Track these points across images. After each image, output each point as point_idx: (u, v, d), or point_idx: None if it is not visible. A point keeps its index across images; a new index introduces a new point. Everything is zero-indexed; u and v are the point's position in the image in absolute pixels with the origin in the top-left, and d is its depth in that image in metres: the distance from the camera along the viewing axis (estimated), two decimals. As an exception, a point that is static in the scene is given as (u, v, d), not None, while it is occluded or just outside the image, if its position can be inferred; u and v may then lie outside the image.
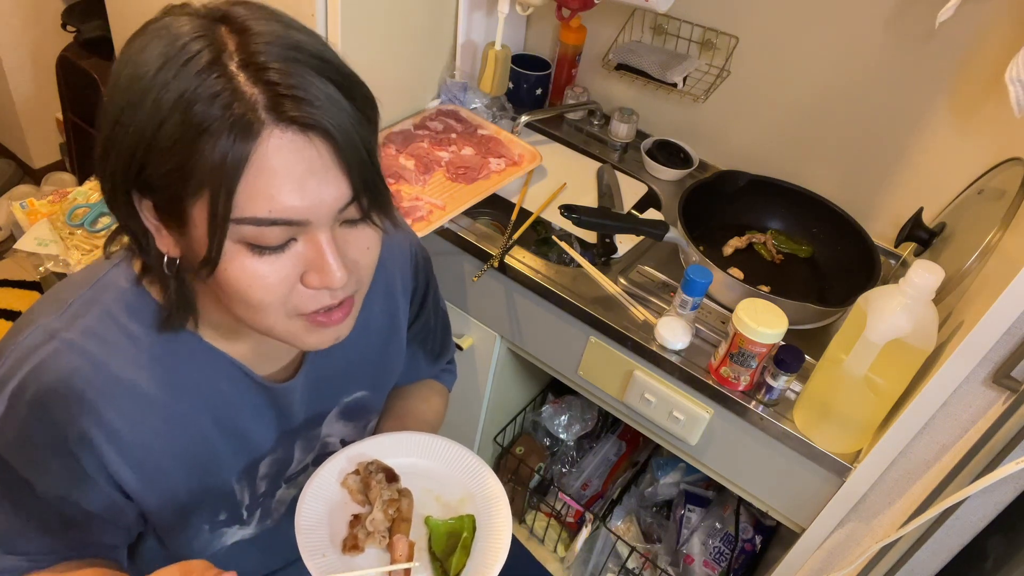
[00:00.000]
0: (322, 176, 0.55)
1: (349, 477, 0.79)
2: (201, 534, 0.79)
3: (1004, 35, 1.10)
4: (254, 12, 0.56)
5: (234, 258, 0.57)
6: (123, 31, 1.60)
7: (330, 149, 0.55)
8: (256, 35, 0.54)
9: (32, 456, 0.65)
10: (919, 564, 0.99)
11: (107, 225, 1.53)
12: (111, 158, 0.57)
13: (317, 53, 0.56)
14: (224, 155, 0.52)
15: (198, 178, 0.53)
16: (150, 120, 0.53)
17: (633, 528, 1.59)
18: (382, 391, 0.92)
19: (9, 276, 2.25)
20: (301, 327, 0.64)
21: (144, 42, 0.55)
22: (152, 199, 0.58)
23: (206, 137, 0.52)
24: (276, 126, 0.53)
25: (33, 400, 0.63)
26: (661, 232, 1.16)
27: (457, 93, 1.51)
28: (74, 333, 0.64)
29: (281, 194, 0.54)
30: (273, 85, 0.53)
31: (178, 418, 0.69)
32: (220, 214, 0.54)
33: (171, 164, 0.54)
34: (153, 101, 0.53)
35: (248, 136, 0.52)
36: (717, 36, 1.38)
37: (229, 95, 0.52)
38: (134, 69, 0.54)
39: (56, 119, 2.39)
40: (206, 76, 0.52)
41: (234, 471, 0.77)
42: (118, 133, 0.55)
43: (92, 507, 0.69)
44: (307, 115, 0.53)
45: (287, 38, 0.55)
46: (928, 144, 1.25)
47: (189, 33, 0.54)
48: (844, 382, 0.92)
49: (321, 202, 0.56)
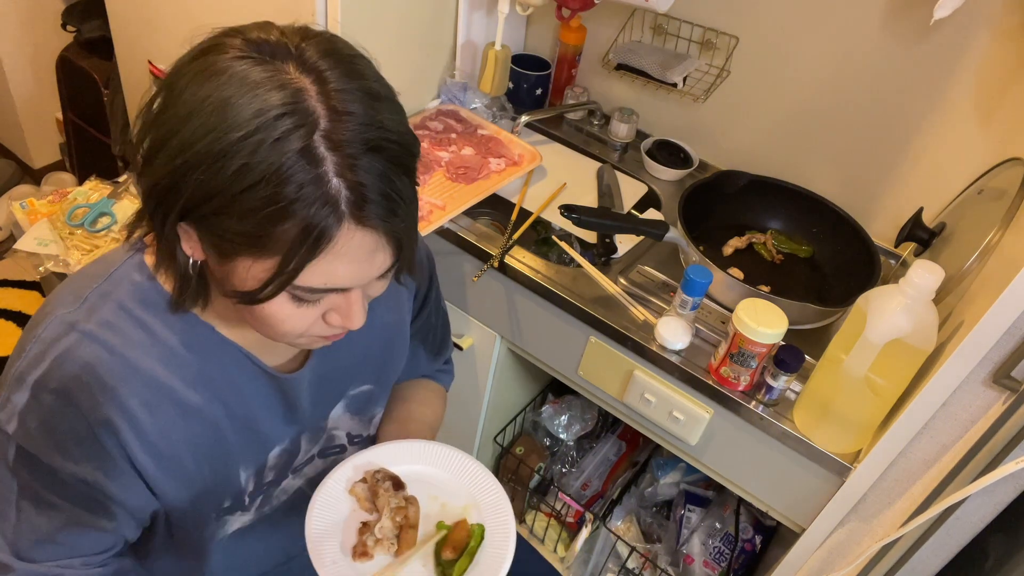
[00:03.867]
0: (378, 257, 0.62)
1: (356, 485, 0.80)
2: (209, 522, 0.80)
3: (1003, 34, 1.10)
4: (342, 75, 0.58)
5: (275, 301, 0.62)
6: (123, 31, 1.60)
7: (391, 241, 0.61)
8: (346, 118, 0.57)
9: (56, 443, 0.66)
10: (919, 564, 0.99)
11: (107, 225, 1.53)
12: (172, 188, 0.58)
13: (397, 138, 0.59)
14: (302, 239, 0.56)
15: (267, 247, 0.57)
16: (233, 183, 0.55)
17: (633, 528, 1.59)
18: (386, 385, 0.94)
19: (9, 276, 2.25)
20: (307, 341, 0.70)
21: (227, 88, 0.55)
22: (205, 235, 0.60)
23: (288, 219, 0.56)
24: (353, 224, 0.58)
25: (57, 389, 0.65)
26: (661, 232, 1.16)
27: (457, 93, 1.51)
28: (92, 324, 0.66)
29: (340, 272, 0.60)
30: (357, 186, 0.56)
31: (192, 407, 0.71)
32: (282, 280, 0.59)
33: (244, 228, 0.57)
34: (240, 167, 0.54)
35: (327, 228, 0.56)
36: (717, 36, 1.38)
37: (317, 187, 0.55)
38: (218, 121, 0.55)
39: (56, 119, 2.39)
40: (297, 161, 0.55)
41: (243, 460, 0.78)
42: (189, 174, 0.56)
43: (116, 492, 0.70)
44: (382, 221, 0.59)
45: (374, 120, 0.58)
46: (928, 144, 1.25)
47: (280, 103, 0.55)
48: (844, 382, 0.92)
49: (370, 276, 0.63)
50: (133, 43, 1.60)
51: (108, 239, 1.51)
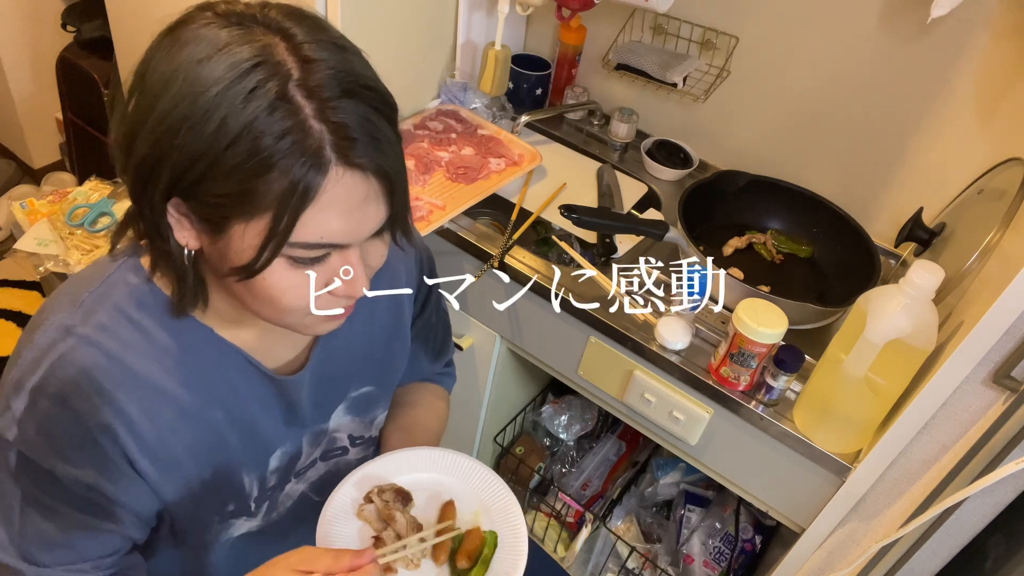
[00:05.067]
0: (371, 207, 0.61)
1: (364, 508, 0.79)
2: (212, 526, 0.80)
3: (1002, 33, 1.10)
4: (308, 29, 0.58)
5: (273, 269, 0.61)
6: (123, 31, 1.60)
7: (382, 185, 0.60)
8: (317, 64, 0.56)
9: (56, 448, 0.66)
10: (919, 564, 0.99)
11: (107, 225, 1.53)
12: (156, 163, 0.57)
13: (372, 84, 0.59)
14: (291, 190, 0.56)
15: (257, 204, 0.56)
16: (214, 142, 0.55)
17: (633, 528, 1.59)
18: (388, 386, 0.94)
19: (9, 276, 2.25)
20: (313, 321, 0.68)
21: (197, 52, 0.56)
22: (195, 208, 0.60)
23: (273, 170, 0.55)
24: (341, 166, 0.57)
25: (55, 394, 0.64)
26: (661, 232, 1.16)
27: (457, 93, 1.51)
28: (89, 329, 0.66)
29: (334, 224, 0.59)
30: (340, 127, 0.56)
31: (191, 410, 0.71)
32: (277, 240, 0.58)
33: (231, 187, 0.56)
34: (219, 124, 0.54)
35: (315, 174, 0.56)
36: (717, 36, 1.38)
37: (298, 134, 0.55)
38: (192, 84, 0.55)
39: (56, 119, 2.39)
40: (274, 110, 0.54)
41: (244, 463, 0.78)
42: (170, 142, 0.56)
43: (118, 495, 0.70)
44: (371, 160, 0.58)
45: (346, 67, 0.58)
46: (928, 144, 1.25)
47: (251, 56, 0.55)
48: (844, 382, 0.92)
49: (366, 229, 0.62)
50: (133, 43, 1.60)
51: (108, 239, 1.51)
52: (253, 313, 0.68)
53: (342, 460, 0.92)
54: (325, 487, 0.82)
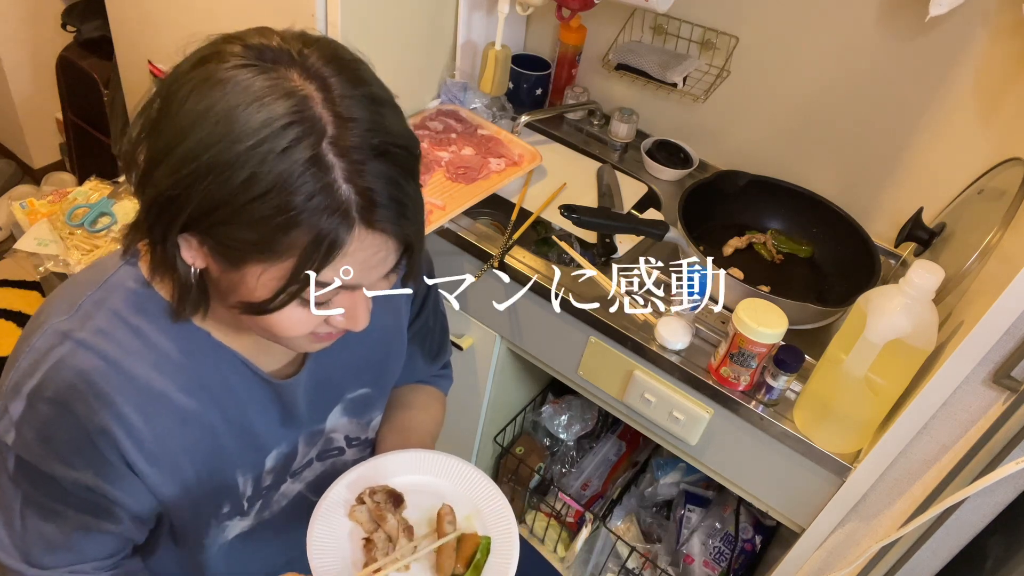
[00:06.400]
0: (388, 262, 0.63)
1: (356, 509, 0.79)
2: (210, 527, 0.80)
3: (1001, 33, 1.10)
4: (346, 81, 0.58)
5: (283, 307, 0.62)
6: (123, 31, 1.60)
7: (402, 248, 0.63)
8: (352, 124, 0.57)
9: (55, 452, 0.66)
10: (919, 564, 0.99)
11: (107, 225, 1.53)
12: (176, 199, 0.57)
13: (402, 142, 0.60)
14: (315, 245, 0.57)
15: (280, 254, 0.57)
16: (241, 192, 0.55)
17: (633, 528, 1.59)
18: (384, 388, 0.94)
19: (9, 276, 2.25)
20: (306, 343, 0.70)
21: (231, 98, 0.55)
22: (213, 246, 0.60)
23: (300, 226, 0.56)
24: (364, 228, 0.58)
25: (53, 398, 0.64)
26: (661, 232, 1.16)
27: (457, 93, 1.51)
28: (86, 333, 0.66)
29: (350, 273, 0.60)
30: (367, 191, 0.57)
31: (188, 413, 0.71)
32: (296, 287, 0.59)
33: (254, 236, 0.57)
34: (248, 176, 0.54)
35: (340, 233, 0.57)
36: (717, 36, 1.38)
37: (327, 195, 0.56)
38: (223, 132, 0.55)
39: (56, 119, 2.39)
40: (306, 170, 0.55)
41: (240, 465, 0.78)
42: (195, 184, 0.56)
43: (118, 496, 0.70)
44: (393, 225, 0.60)
45: (378, 125, 0.58)
46: (928, 144, 1.24)
47: (286, 112, 0.55)
48: (844, 382, 0.92)
49: (378, 276, 0.64)
50: (133, 43, 1.60)
51: (108, 239, 1.51)
52: (248, 328, 0.69)
53: (339, 460, 0.92)
54: (322, 487, 0.82)
